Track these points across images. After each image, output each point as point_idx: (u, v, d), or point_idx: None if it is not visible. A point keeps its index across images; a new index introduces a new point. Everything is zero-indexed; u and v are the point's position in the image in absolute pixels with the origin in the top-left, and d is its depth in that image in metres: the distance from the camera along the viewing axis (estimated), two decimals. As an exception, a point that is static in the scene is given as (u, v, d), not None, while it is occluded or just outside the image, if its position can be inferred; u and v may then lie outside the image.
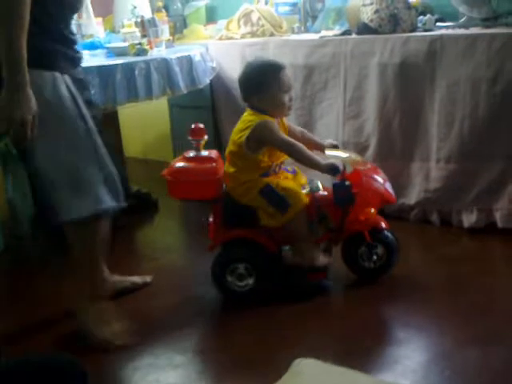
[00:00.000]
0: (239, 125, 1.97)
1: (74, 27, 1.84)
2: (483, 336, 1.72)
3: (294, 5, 3.08)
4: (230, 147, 1.99)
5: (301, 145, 1.93)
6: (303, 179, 2.06)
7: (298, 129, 2.15)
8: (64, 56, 1.66)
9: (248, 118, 1.96)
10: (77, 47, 1.76)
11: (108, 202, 1.71)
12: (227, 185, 2.00)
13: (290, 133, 2.06)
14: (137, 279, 2.11)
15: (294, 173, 2.05)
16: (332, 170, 1.88)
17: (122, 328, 1.81)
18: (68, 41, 1.69)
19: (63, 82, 1.63)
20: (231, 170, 1.97)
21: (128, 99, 2.43)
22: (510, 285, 2.05)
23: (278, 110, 1.96)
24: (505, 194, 2.36)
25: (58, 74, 1.62)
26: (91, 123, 1.70)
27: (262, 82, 1.93)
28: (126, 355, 1.75)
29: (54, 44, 1.63)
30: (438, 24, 2.59)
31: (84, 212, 1.68)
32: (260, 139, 1.91)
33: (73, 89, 1.65)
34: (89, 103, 1.74)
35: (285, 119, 2.06)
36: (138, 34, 2.85)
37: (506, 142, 2.33)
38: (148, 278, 2.18)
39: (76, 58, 1.74)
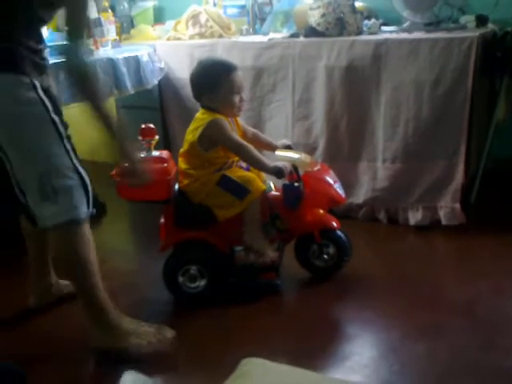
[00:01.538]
0: (192, 124, 1.97)
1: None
2: (429, 329, 1.78)
3: (243, 7, 3.09)
4: (184, 147, 1.98)
5: (250, 146, 1.94)
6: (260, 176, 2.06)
7: (251, 130, 2.16)
8: (31, 62, 1.59)
9: (200, 116, 1.96)
10: (44, 54, 1.69)
11: (83, 207, 1.63)
12: (181, 182, 1.99)
13: (244, 133, 2.07)
14: (85, 283, 2.05)
15: (248, 169, 2.04)
16: (277, 172, 1.90)
17: (159, 336, 1.73)
18: (37, 51, 1.62)
19: (31, 87, 1.56)
20: (185, 167, 1.97)
21: (73, 99, 2.36)
22: (453, 279, 2.13)
23: (227, 110, 1.96)
24: (448, 192, 2.45)
25: (26, 78, 1.55)
26: (62, 128, 1.64)
27: (214, 82, 1.93)
28: (71, 365, 1.70)
29: (22, 51, 1.56)
30: (383, 28, 2.67)
31: (58, 219, 1.60)
32: (211, 137, 1.92)
33: (41, 92, 1.59)
34: (57, 108, 1.66)
35: (239, 120, 2.07)
36: (84, 34, 2.79)
37: (448, 142, 2.42)
38: (96, 282, 2.13)
39: (42, 65, 1.66)
